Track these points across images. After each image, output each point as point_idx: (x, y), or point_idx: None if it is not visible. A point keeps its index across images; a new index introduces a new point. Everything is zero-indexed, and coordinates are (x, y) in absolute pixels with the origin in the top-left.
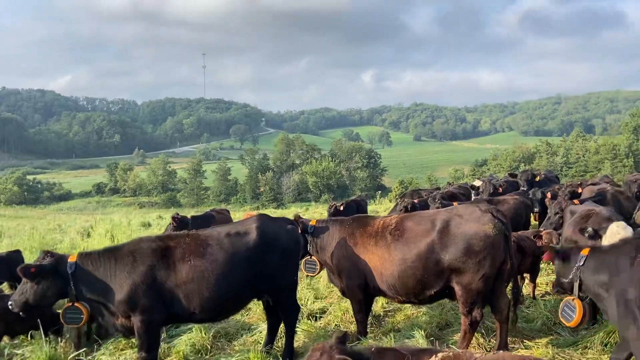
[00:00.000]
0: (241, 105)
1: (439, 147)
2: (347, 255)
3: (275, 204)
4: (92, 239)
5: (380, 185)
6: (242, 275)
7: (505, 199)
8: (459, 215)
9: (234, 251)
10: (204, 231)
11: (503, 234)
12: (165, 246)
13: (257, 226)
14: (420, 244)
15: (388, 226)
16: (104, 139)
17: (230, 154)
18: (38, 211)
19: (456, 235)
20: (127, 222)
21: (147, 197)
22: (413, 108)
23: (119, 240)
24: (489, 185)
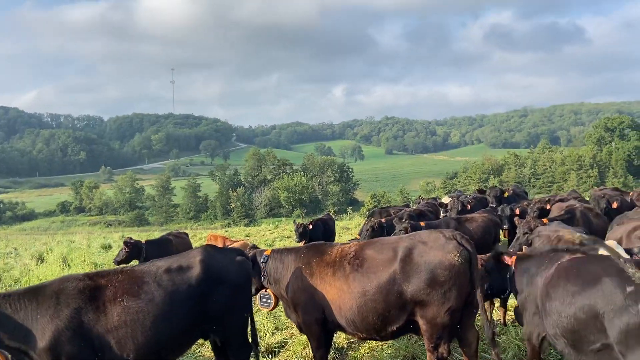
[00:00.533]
0: (211, 121)
1: (410, 160)
2: (303, 287)
3: (246, 220)
4: (46, 265)
5: (353, 200)
6: (184, 316)
7: (473, 217)
8: (422, 242)
9: (175, 289)
10: (140, 267)
11: (469, 262)
12: (94, 285)
13: (201, 259)
14: (381, 275)
15: (347, 255)
16: (69, 156)
17: (201, 170)
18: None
19: (419, 264)
20: (87, 244)
21: (114, 215)
22: (384, 122)
23: (73, 266)
24: (457, 203)
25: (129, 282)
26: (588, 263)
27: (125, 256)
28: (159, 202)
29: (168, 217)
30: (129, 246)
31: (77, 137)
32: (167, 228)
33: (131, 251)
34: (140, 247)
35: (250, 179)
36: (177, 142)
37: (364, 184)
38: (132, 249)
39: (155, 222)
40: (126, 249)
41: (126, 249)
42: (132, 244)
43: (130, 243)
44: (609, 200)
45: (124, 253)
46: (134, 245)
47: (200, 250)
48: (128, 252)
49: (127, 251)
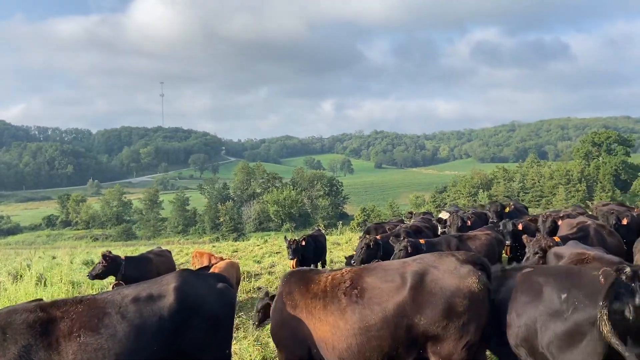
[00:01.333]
0: (200, 134)
1: (400, 174)
2: (284, 321)
3: (235, 234)
4: (22, 283)
5: (343, 214)
6: (153, 354)
7: (476, 234)
8: (434, 266)
9: (142, 322)
10: (103, 295)
11: (488, 289)
12: (47, 318)
13: (175, 287)
14: (388, 306)
15: (340, 283)
16: (56, 169)
17: (190, 183)
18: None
19: (433, 293)
20: (70, 259)
21: (101, 229)
22: (374, 136)
23: (49, 285)
24: (457, 219)
25: (89, 314)
26: (534, 275)
27: (102, 270)
28: (146, 215)
29: (156, 231)
30: (108, 260)
31: (65, 150)
32: (154, 242)
33: (109, 266)
34: (119, 263)
35: (240, 192)
36: (166, 156)
37: (354, 198)
38: (110, 264)
39: (142, 236)
40: (104, 262)
41: (104, 263)
42: (110, 258)
43: (108, 257)
44: (618, 217)
45: (101, 267)
46: (113, 260)
47: (175, 276)
48: (105, 266)
49: (104, 265)
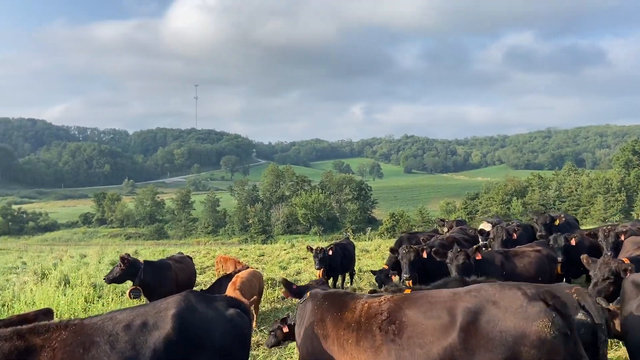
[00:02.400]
0: (232, 136)
1: (430, 180)
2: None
3: (263, 236)
4: (44, 284)
5: (371, 218)
6: None
7: (524, 251)
8: (493, 302)
9: (133, 354)
10: (93, 320)
11: (564, 336)
12: (25, 347)
13: (175, 314)
14: (431, 350)
15: (376, 315)
16: (94, 168)
17: (221, 184)
18: (21, 242)
19: (491, 337)
20: (98, 259)
21: (134, 228)
22: (404, 140)
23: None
24: (502, 232)
25: (74, 342)
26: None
27: (119, 274)
28: (178, 215)
29: (187, 231)
30: (125, 263)
31: (103, 150)
32: (185, 242)
33: (126, 269)
34: (138, 267)
35: (269, 195)
36: (198, 157)
37: (382, 203)
38: (128, 268)
39: (174, 235)
40: (122, 266)
41: (121, 267)
42: (128, 262)
43: (127, 260)
44: None
45: (119, 270)
46: (131, 263)
47: (176, 301)
48: (123, 269)
49: (122, 269)
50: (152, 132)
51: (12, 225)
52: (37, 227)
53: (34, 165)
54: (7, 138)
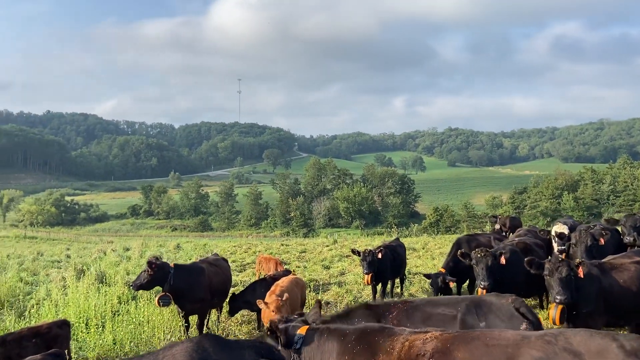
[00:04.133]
0: (274, 130)
1: (475, 173)
2: None
3: (305, 230)
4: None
5: (414, 212)
6: None
7: (623, 263)
8: (573, 353)
9: None
10: None
11: None
12: None
13: None
14: None
15: (418, 356)
16: (142, 161)
17: (263, 177)
18: (73, 232)
19: None
20: (140, 253)
21: (180, 219)
22: (447, 133)
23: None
24: (586, 236)
25: None
26: None
27: (147, 280)
28: (222, 208)
29: (230, 224)
30: (154, 268)
31: (150, 144)
32: (228, 234)
33: (155, 274)
34: (167, 272)
35: (310, 188)
36: (241, 150)
37: (426, 197)
38: (157, 273)
39: (217, 227)
40: (149, 271)
41: (149, 271)
42: (157, 266)
43: (154, 264)
44: None
45: (146, 276)
46: (160, 268)
47: (186, 352)
48: (151, 275)
49: (149, 274)
50: (196, 126)
51: (65, 216)
52: (88, 218)
53: (86, 158)
54: (61, 132)
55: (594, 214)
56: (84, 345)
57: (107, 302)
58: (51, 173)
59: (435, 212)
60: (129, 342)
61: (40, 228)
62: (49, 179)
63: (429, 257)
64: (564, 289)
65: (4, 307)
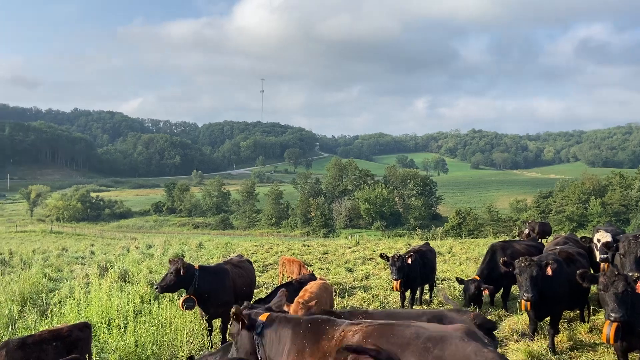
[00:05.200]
0: (296, 130)
1: (499, 176)
2: None
3: (325, 230)
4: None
5: (435, 215)
6: None
7: None
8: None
9: None
10: None
11: None
12: None
13: None
14: None
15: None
16: (166, 159)
17: (284, 177)
18: (97, 228)
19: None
20: (163, 251)
21: (202, 217)
22: (471, 135)
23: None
24: (636, 247)
25: None
26: None
27: (174, 282)
28: (243, 207)
29: (251, 222)
30: (181, 272)
31: (174, 142)
32: (249, 232)
33: (182, 277)
34: (192, 274)
35: (331, 188)
36: (263, 150)
37: (448, 199)
38: (184, 275)
39: (238, 226)
40: (176, 273)
41: (175, 274)
42: (185, 269)
43: (182, 269)
44: None
45: (172, 278)
46: (186, 270)
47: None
48: (178, 277)
49: (176, 276)
50: (219, 125)
51: (91, 212)
52: (113, 214)
53: (111, 155)
54: (87, 129)
55: (621, 220)
56: (105, 346)
57: (129, 302)
58: (78, 169)
59: (457, 214)
60: (151, 344)
61: (66, 223)
62: (76, 175)
63: (455, 262)
64: (619, 305)
65: (26, 305)
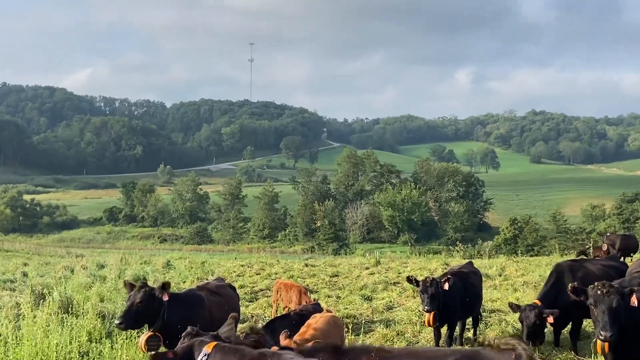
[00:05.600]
0: (296, 111)
1: (568, 173)
2: None
3: (335, 245)
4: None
5: (483, 224)
6: None
7: None
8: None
9: None
10: None
11: None
12: None
13: None
14: None
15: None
16: (123, 150)
17: (281, 174)
18: (33, 242)
19: None
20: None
21: (171, 228)
22: (530, 118)
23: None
24: None
25: None
26: None
27: (141, 315)
28: (225, 214)
29: (236, 234)
30: (150, 299)
31: (134, 127)
32: (234, 248)
33: (150, 308)
34: (161, 304)
35: (343, 189)
36: (252, 138)
37: (499, 204)
38: (152, 305)
39: (220, 239)
40: (141, 302)
41: (143, 303)
42: (155, 297)
43: (156, 295)
44: None
45: (139, 308)
46: (156, 299)
47: None
48: (146, 308)
49: (142, 306)
50: (194, 104)
51: (24, 221)
52: (53, 224)
53: (51, 145)
54: (19, 111)
55: None
56: None
57: (73, 340)
58: (6, 164)
59: (512, 224)
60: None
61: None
62: (3, 172)
63: (509, 287)
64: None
65: None
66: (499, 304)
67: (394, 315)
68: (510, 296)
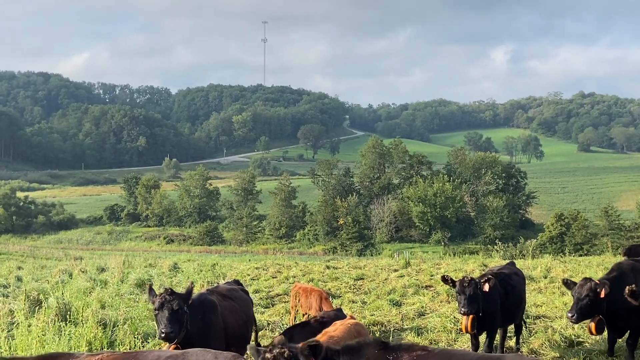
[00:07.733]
0: (315, 97)
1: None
2: None
3: (360, 245)
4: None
5: (525, 221)
6: None
7: None
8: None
9: None
10: None
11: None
12: None
13: None
14: None
15: None
16: (125, 142)
17: (299, 166)
18: (27, 244)
19: None
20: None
21: (178, 227)
22: (578, 101)
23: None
24: None
25: None
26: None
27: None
28: (238, 211)
29: (250, 234)
30: (180, 307)
31: (136, 117)
32: (248, 249)
33: (182, 316)
34: (184, 310)
35: (368, 183)
36: (267, 127)
37: (544, 198)
38: (182, 314)
39: (232, 239)
40: (173, 308)
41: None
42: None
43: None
44: None
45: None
46: (174, 311)
47: None
48: (183, 315)
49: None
50: (202, 90)
51: (17, 220)
52: (49, 224)
53: (46, 137)
54: (11, 99)
55: None
56: None
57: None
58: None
59: (558, 220)
60: None
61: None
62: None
63: (555, 290)
64: None
65: None
66: (544, 309)
67: (426, 322)
68: (557, 300)
